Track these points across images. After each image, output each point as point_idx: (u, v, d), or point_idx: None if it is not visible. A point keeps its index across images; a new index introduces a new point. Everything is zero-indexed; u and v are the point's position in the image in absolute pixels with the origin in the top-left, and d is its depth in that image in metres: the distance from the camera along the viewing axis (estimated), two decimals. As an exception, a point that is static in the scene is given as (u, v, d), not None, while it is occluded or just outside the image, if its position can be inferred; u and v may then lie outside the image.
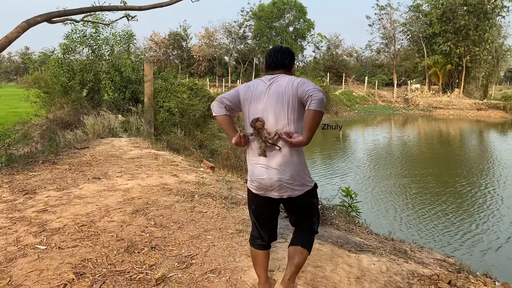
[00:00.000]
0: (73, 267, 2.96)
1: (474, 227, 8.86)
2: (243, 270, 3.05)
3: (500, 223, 9.10)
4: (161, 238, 3.59)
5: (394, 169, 14.65)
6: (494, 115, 35.68)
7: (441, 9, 40.21)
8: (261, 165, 2.54)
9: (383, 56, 54.34)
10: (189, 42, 61.67)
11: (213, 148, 13.77)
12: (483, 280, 3.39)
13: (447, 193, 11.44)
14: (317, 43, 55.42)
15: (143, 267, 3.02)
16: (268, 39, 48.78)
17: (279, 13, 47.72)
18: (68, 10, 7.40)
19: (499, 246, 7.86)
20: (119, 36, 14.54)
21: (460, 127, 30.03)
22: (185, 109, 14.74)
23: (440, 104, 38.92)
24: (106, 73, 13.83)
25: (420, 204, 10.39)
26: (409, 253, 4.32)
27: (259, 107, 2.54)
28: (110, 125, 10.60)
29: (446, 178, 13.23)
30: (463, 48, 39.21)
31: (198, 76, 56.51)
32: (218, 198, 4.99)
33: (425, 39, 42.93)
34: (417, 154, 18.48)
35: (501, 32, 43.24)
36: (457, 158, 17.54)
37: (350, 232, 4.75)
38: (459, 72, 41.88)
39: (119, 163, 6.73)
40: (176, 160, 7.39)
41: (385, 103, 42.14)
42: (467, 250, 7.67)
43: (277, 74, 2.61)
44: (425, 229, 8.69)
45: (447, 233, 8.48)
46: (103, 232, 3.64)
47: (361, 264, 3.36)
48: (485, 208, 10.20)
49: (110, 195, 4.79)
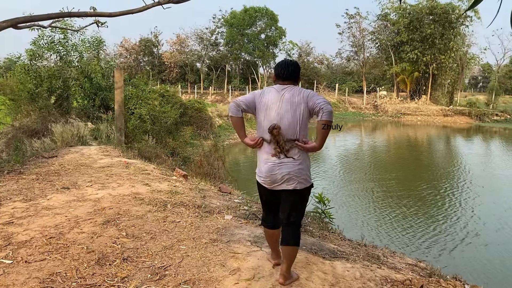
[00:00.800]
0: (40, 282, 2.85)
1: (443, 230, 9.10)
2: (218, 281, 3.02)
3: (467, 225, 9.38)
4: (133, 249, 3.51)
5: (365, 174, 14.89)
6: (460, 121, 36.86)
7: (408, 18, 41.39)
8: (272, 163, 2.95)
9: (353, 63, 55.43)
10: (160, 48, 61.27)
11: (186, 156, 13.67)
12: (453, 283, 3.47)
13: (412, 196, 11.74)
14: (289, 51, 55.96)
15: (115, 280, 2.94)
16: (240, 46, 48.93)
17: (251, 21, 47.97)
18: (35, 16, 7.21)
19: (459, 244, 8.09)
20: (89, 43, 14.26)
21: (428, 133, 30.85)
22: (157, 116, 14.58)
23: (408, 111, 39.95)
24: (75, 80, 13.52)
25: (389, 208, 10.59)
26: (382, 259, 4.38)
27: (274, 112, 2.94)
28: (79, 133, 10.35)
29: (414, 183, 13.56)
30: (430, 56, 40.45)
31: (169, 82, 56.11)
32: (192, 207, 4.93)
33: (393, 47, 44.03)
34: (386, 160, 18.87)
35: (465, 41, 44.85)
36: (424, 163, 18.00)
37: (324, 239, 4.78)
38: (426, 79, 43.13)
39: (89, 172, 6.57)
40: (148, 168, 7.27)
41: (355, 109, 42.91)
42: (437, 252, 7.86)
43: (287, 84, 3.02)
44: (394, 232, 8.86)
45: (416, 236, 8.67)
46: (73, 244, 3.53)
47: (336, 271, 3.38)
48: (455, 210, 10.49)
49: (80, 206, 4.67)
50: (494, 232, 9.06)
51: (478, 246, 8.25)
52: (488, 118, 36.82)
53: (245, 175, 14.88)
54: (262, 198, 3.22)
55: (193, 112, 21.32)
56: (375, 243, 5.76)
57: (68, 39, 13.77)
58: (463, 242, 8.42)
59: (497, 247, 8.20)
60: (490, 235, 8.84)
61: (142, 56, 61.40)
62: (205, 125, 21.81)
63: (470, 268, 7.23)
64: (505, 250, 8.08)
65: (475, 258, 7.68)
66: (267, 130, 2.93)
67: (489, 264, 7.44)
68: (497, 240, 8.56)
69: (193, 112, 21.32)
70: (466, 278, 4.39)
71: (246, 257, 3.46)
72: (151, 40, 60.00)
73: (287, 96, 2.95)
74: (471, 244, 8.34)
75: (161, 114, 14.98)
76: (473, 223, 9.57)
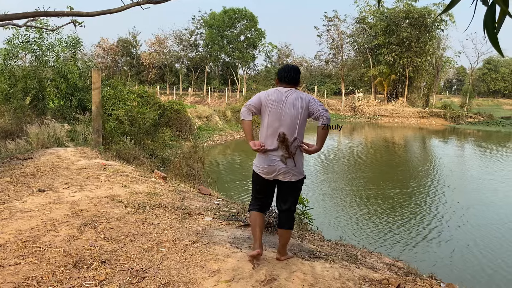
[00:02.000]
0: (16, 286, 2.79)
1: (421, 229, 9.28)
2: (198, 282, 3.01)
3: (438, 224, 9.59)
4: (112, 251, 3.47)
5: (343, 175, 15.06)
6: (435, 122, 37.64)
7: (385, 22, 42.07)
8: (272, 157, 3.33)
9: (332, 66, 55.96)
10: (138, 49, 60.65)
11: (165, 157, 13.56)
12: (429, 282, 3.55)
13: (381, 195, 11.93)
14: (268, 53, 56.23)
15: (92, 283, 2.90)
16: (220, 47, 48.81)
17: (230, 22, 47.92)
18: (10, 14, 7.04)
19: (429, 241, 8.27)
20: (65, 42, 14.00)
21: (404, 134, 31.40)
22: (135, 117, 14.42)
23: (386, 113, 40.58)
24: (51, 80, 13.27)
25: (365, 208, 10.74)
26: (360, 258, 4.43)
27: (278, 112, 3.32)
28: (55, 134, 10.16)
29: (389, 184, 13.78)
30: (406, 59, 41.20)
31: (148, 83, 55.57)
32: (171, 209, 4.90)
33: (370, 50, 44.66)
34: (364, 161, 19.13)
35: (440, 44, 45.90)
36: (401, 165, 18.31)
37: (303, 240, 4.81)
38: (402, 82, 43.89)
39: (66, 174, 6.46)
40: (126, 170, 7.19)
41: (334, 111, 43.34)
42: (415, 250, 8.00)
43: (290, 88, 3.42)
44: (371, 231, 8.99)
45: (393, 236, 8.82)
46: (49, 248, 3.47)
47: (315, 271, 3.41)
48: (433, 210, 10.71)
49: (56, 208, 4.58)
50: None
51: (441, 242, 8.45)
52: (463, 120, 37.69)
53: (225, 176, 14.86)
54: (256, 187, 3.55)
55: (172, 113, 21.16)
56: (353, 243, 5.83)
57: (44, 39, 13.50)
58: (432, 240, 8.61)
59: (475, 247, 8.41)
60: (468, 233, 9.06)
61: (120, 57, 60.67)
62: (184, 127, 21.66)
63: (445, 268, 7.39)
64: (476, 248, 8.29)
65: (451, 257, 7.86)
66: (269, 130, 3.33)
67: (467, 263, 7.63)
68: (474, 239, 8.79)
69: (172, 113, 21.16)
70: (441, 276, 4.48)
71: (226, 258, 3.46)
72: (129, 41, 59.34)
73: (290, 99, 3.34)
74: (435, 240, 8.53)
75: (140, 115, 14.82)
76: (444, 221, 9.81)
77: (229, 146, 23.38)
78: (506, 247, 8.36)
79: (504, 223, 9.84)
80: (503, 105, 66.91)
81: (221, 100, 44.10)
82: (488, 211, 10.78)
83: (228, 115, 28.15)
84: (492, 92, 77.88)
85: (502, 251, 8.15)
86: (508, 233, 9.15)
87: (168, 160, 12.95)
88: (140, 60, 57.92)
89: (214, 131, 25.48)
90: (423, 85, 46.83)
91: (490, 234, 9.10)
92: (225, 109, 29.49)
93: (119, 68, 60.50)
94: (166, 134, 16.98)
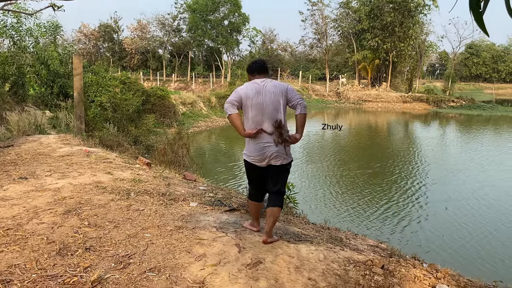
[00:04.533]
0: (-2, 275, 2.76)
1: (405, 212, 9.43)
2: (184, 267, 3.01)
3: (418, 208, 9.77)
4: (96, 238, 3.44)
5: (327, 160, 15.17)
6: (418, 107, 38.04)
7: (369, 6, 42.05)
8: (263, 144, 3.53)
9: (316, 51, 55.89)
10: (120, 34, 59.56)
11: (149, 144, 13.46)
12: (412, 262, 3.61)
13: (367, 180, 12.08)
14: (252, 38, 55.77)
15: (77, 270, 2.88)
16: (203, 32, 48.18)
17: (213, 6, 47.25)
18: (-15, -2, 6.84)
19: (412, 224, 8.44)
20: (44, 27, 13.69)
21: (387, 119, 31.70)
22: (118, 103, 14.25)
23: (370, 97, 40.84)
24: (31, 67, 12.98)
25: (350, 191, 10.87)
26: (345, 241, 4.49)
27: (260, 102, 3.49)
28: (36, 121, 9.99)
29: (373, 168, 13.95)
30: (390, 44, 41.34)
31: (131, 69, 54.80)
32: (156, 195, 4.88)
33: (354, 35, 44.67)
34: (347, 145, 19.28)
35: (423, 29, 46.10)
36: (384, 149, 18.52)
37: (288, 223, 4.85)
38: (386, 67, 44.12)
39: (48, 161, 6.36)
40: (110, 157, 7.12)
41: (318, 96, 43.44)
42: (399, 232, 8.14)
43: (264, 77, 3.63)
44: (356, 214, 9.11)
45: (377, 218, 8.96)
46: (32, 235, 3.42)
47: (300, 253, 3.44)
48: (410, 194, 10.90)
49: (39, 196, 4.52)
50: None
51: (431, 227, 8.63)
52: (445, 104, 38.16)
53: (211, 162, 14.84)
54: (251, 176, 3.81)
55: (155, 99, 20.95)
56: (338, 226, 5.90)
57: (22, 24, 13.19)
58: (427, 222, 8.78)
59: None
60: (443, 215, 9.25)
61: (102, 42, 59.52)
62: (168, 113, 21.49)
63: (428, 248, 7.55)
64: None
65: (434, 239, 8.02)
66: (255, 119, 3.50)
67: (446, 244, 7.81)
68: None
69: (155, 99, 20.95)
70: (424, 257, 4.57)
71: (212, 243, 3.46)
72: (111, 26, 58.18)
73: (269, 87, 3.53)
74: (420, 223, 8.71)
75: (123, 101, 14.65)
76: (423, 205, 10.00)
77: (214, 132, 23.31)
78: (483, 228, 8.57)
79: (483, 204, 10.07)
80: (484, 89, 68.00)
81: (205, 86, 43.76)
82: (470, 196, 11.01)
83: (212, 101, 27.99)
84: (473, 76, 79.00)
85: (479, 231, 8.36)
86: (486, 214, 9.38)
87: (153, 146, 12.86)
88: (122, 45, 56.90)
89: (199, 117, 25.35)
90: (406, 70, 47.17)
91: (471, 216, 9.31)
92: (210, 95, 29.31)
93: (101, 54, 59.42)
94: (150, 120, 16.83)
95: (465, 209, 9.68)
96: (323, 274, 3.12)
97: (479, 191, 11.21)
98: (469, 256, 7.26)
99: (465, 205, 10.00)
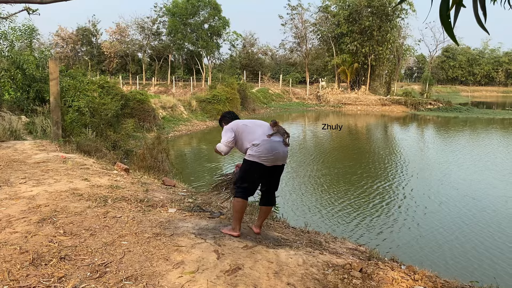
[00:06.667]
0: (-32, 287, 2.67)
1: (384, 215, 9.54)
2: (161, 275, 2.97)
3: (398, 209, 9.90)
4: (72, 247, 3.37)
5: (308, 163, 15.25)
6: (397, 109, 38.62)
7: (347, 10, 42.52)
8: (275, 141, 3.88)
9: (296, 55, 56.25)
10: (99, 38, 58.75)
11: (128, 149, 13.31)
12: (390, 265, 3.65)
13: (347, 183, 12.20)
14: (233, 41, 55.67)
15: (51, 280, 2.81)
16: (183, 36, 47.91)
17: (193, 10, 47.03)
18: (-44, 1, 6.66)
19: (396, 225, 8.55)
20: (20, 31, 13.42)
21: (367, 122, 32.08)
22: (96, 108, 14.06)
23: (349, 101, 41.29)
24: (6, 71, 12.70)
25: (332, 195, 10.94)
26: (324, 244, 4.51)
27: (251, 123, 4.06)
28: (11, 127, 9.76)
29: (352, 170, 14.08)
30: (368, 48, 41.85)
31: (110, 73, 54.12)
32: (134, 202, 4.81)
33: (334, 39, 45.09)
34: (327, 148, 19.42)
35: (401, 33, 46.86)
36: (362, 151, 18.73)
37: (268, 228, 4.85)
38: (365, 70, 44.65)
39: (23, 168, 6.22)
40: (87, 163, 7.00)
41: (299, 100, 43.68)
42: (378, 235, 8.23)
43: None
44: (336, 218, 9.18)
45: (356, 221, 9.03)
46: (4, 245, 3.33)
47: (279, 258, 3.44)
48: (389, 196, 11.04)
49: (13, 204, 4.41)
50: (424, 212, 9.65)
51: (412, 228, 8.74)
52: (423, 107, 38.83)
53: (191, 167, 14.74)
54: (252, 177, 3.94)
55: (135, 103, 20.73)
56: (318, 230, 5.92)
57: (-4, 27, 12.90)
58: (397, 225, 8.90)
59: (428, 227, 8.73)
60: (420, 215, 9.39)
61: (80, 46, 58.57)
62: (148, 117, 21.29)
63: (407, 251, 7.65)
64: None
65: (412, 241, 8.13)
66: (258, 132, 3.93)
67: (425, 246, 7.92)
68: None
69: (135, 103, 20.73)
70: (402, 259, 4.62)
71: (190, 249, 3.43)
72: (89, 29, 57.35)
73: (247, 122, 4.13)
74: (402, 225, 8.82)
75: (101, 106, 14.46)
76: (403, 205, 10.14)
77: (194, 136, 23.19)
78: (462, 228, 8.73)
79: (462, 205, 10.26)
80: (460, 91, 69.49)
81: (186, 89, 43.44)
82: (448, 196, 11.20)
83: (193, 105, 27.82)
84: (450, 79, 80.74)
85: (458, 232, 8.51)
86: (464, 215, 9.56)
87: (132, 151, 12.73)
88: (101, 49, 56.12)
89: (179, 121, 25.17)
90: (384, 73, 47.82)
91: (449, 216, 9.47)
92: (190, 98, 29.13)
93: (79, 57, 58.44)
94: (129, 125, 16.65)
95: (443, 210, 9.86)
96: (302, 279, 3.13)
97: (457, 191, 11.43)
98: (446, 257, 7.38)
99: (443, 206, 10.17)
